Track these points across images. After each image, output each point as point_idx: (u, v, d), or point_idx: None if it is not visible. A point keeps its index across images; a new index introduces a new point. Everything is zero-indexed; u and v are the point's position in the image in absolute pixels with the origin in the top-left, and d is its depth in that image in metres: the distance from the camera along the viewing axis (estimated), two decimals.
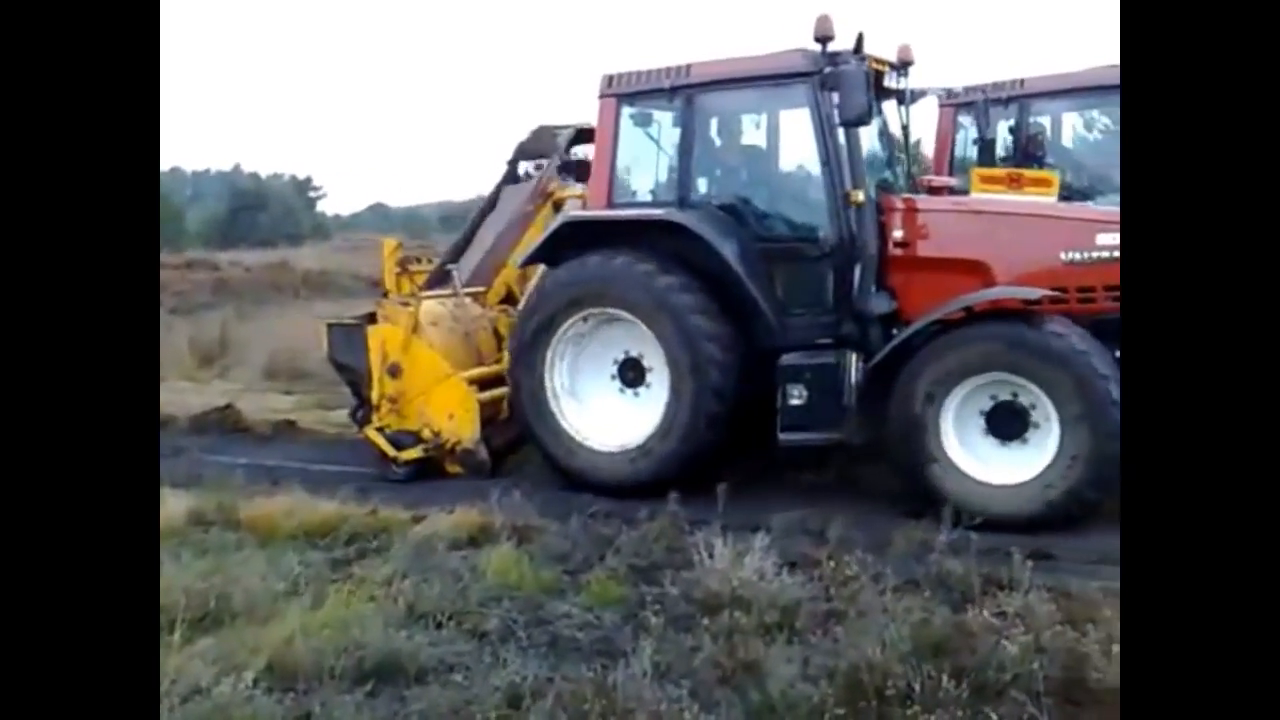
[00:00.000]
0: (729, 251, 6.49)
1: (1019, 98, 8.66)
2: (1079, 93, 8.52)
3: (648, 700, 3.54)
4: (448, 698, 3.75)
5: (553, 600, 4.78)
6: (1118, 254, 5.83)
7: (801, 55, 6.42)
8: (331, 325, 8.12)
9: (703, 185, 7.04)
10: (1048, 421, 5.69)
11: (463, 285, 8.33)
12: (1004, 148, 8.54)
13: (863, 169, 6.39)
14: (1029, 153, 8.25)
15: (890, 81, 6.91)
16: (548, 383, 6.92)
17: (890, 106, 7.16)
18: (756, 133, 7.41)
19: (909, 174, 7.35)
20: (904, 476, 6.08)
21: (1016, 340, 5.75)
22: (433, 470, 7.45)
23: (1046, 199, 6.58)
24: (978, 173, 7.02)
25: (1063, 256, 6.11)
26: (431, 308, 7.86)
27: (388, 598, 4.67)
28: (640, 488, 6.37)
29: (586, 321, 6.87)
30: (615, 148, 7.08)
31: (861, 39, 6.33)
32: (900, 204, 6.61)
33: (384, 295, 7.91)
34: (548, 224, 8.36)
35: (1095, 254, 6.03)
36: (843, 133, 6.33)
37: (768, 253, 6.66)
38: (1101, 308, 5.98)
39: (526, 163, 9.02)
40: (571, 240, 6.95)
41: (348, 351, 7.85)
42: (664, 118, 7.10)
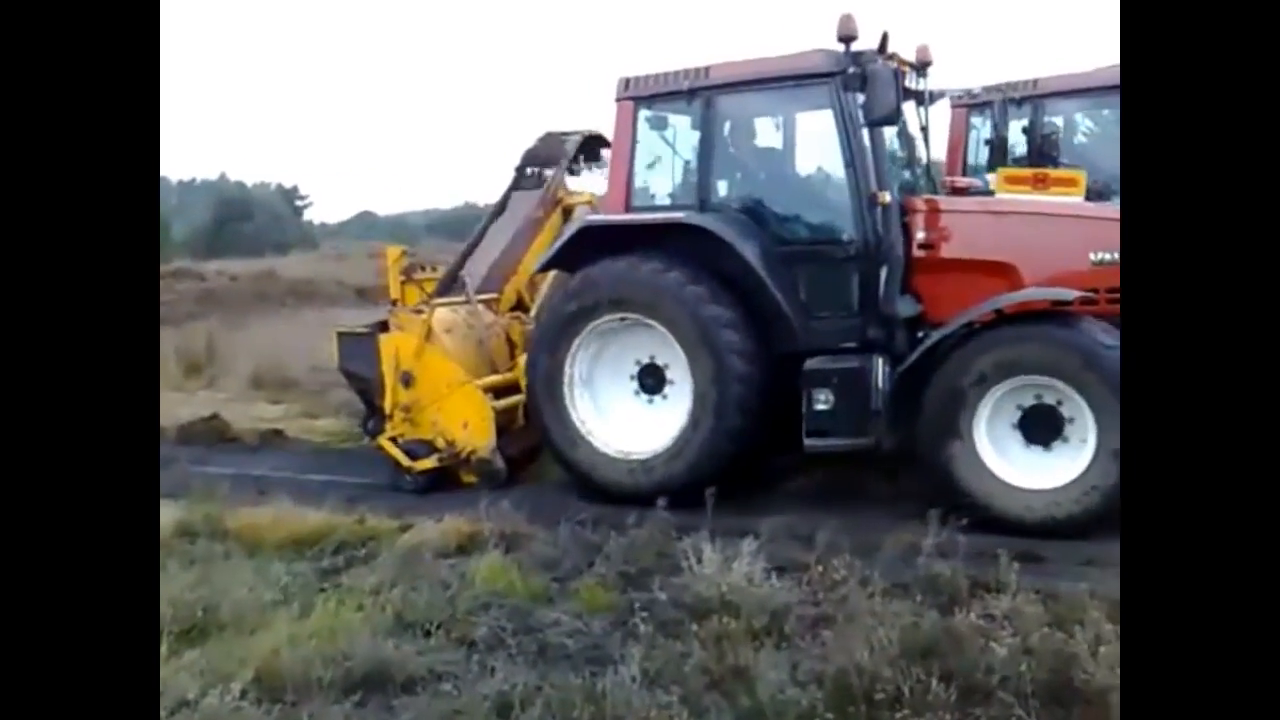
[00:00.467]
0: (751, 254, 6.40)
1: (1033, 98, 8.60)
2: (1093, 92, 8.45)
3: (637, 707, 3.55)
4: (436, 707, 3.74)
5: (542, 608, 4.77)
6: None
7: (824, 55, 6.34)
8: (342, 334, 8.01)
9: (723, 188, 6.95)
10: (1083, 424, 5.58)
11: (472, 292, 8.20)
12: (1016, 147, 8.47)
13: (887, 170, 6.33)
14: (1043, 153, 8.17)
15: (909, 82, 6.81)
16: (567, 369, 6.79)
17: (909, 108, 7.01)
18: (777, 134, 7.32)
19: (928, 175, 7.26)
20: (936, 482, 5.93)
21: (1051, 342, 5.65)
22: (447, 480, 7.32)
23: (1073, 199, 6.49)
24: (1003, 173, 6.92)
25: (1092, 257, 5.97)
26: (444, 315, 7.74)
27: (376, 607, 4.66)
28: (642, 498, 6.21)
29: (612, 324, 6.74)
30: (633, 151, 6.99)
31: (886, 38, 6.26)
32: (923, 205, 6.51)
33: (393, 304, 7.77)
34: (557, 231, 8.36)
35: None
36: (867, 133, 6.26)
37: (790, 255, 6.56)
38: None
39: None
40: (589, 245, 6.84)
41: (359, 360, 7.73)
42: (678, 120, 7.02)
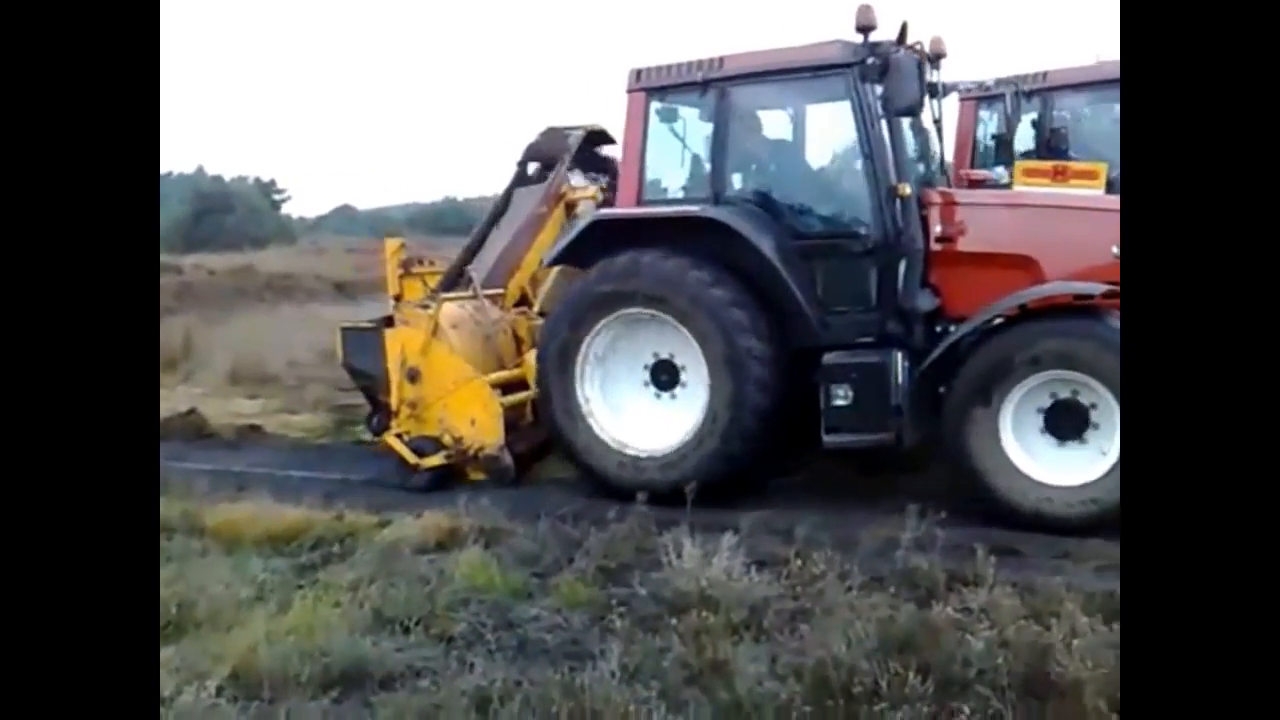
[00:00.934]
0: (767, 248, 6.31)
1: (1042, 91, 8.54)
2: (1103, 85, 8.34)
3: (616, 702, 3.54)
4: (415, 703, 3.72)
5: (521, 603, 4.77)
6: None
7: (841, 46, 6.25)
8: (346, 329, 7.87)
9: (737, 181, 6.85)
10: (1109, 418, 5.52)
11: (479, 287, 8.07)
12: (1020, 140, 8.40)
13: (907, 162, 6.25)
14: (1052, 146, 8.12)
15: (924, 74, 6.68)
16: (584, 348, 6.69)
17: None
18: (793, 126, 7.22)
19: (942, 167, 7.19)
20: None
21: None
22: (454, 478, 7.22)
23: (1093, 191, 6.43)
24: (1021, 165, 6.88)
25: (1114, 250, 5.73)
26: (451, 310, 7.64)
27: (354, 603, 4.64)
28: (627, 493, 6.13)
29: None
30: (644, 144, 6.86)
31: (905, 28, 6.19)
32: (939, 198, 6.44)
33: (396, 299, 7.65)
34: (561, 226, 8.29)
35: None
36: (886, 125, 6.20)
37: (807, 249, 6.47)
38: None
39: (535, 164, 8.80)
40: (600, 239, 6.75)
41: (363, 356, 7.60)
42: (689, 113, 6.93)
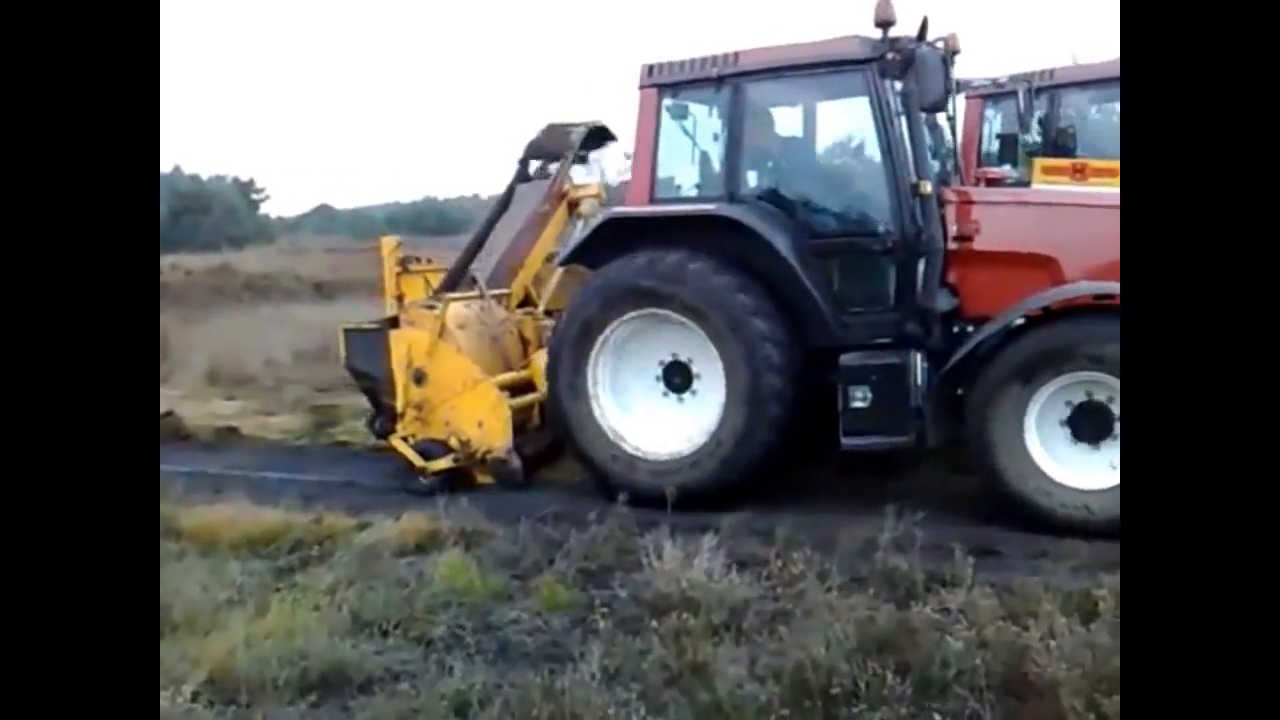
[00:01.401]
0: (784, 247, 6.23)
1: (1050, 88, 8.49)
2: (1111, 83, 8.23)
3: (596, 704, 3.54)
4: (394, 707, 3.71)
5: (501, 606, 4.76)
6: None
7: (859, 41, 6.18)
8: (349, 330, 7.74)
9: (752, 179, 6.75)
10: None
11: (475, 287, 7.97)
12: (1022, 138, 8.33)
13: (927, 159, 6.20)
14: (1059, 145, 8.09)
15: None
16: (606, 333, 6.61)
17: None
18: (809, 123, 7.10)
19: (956, 166, 7.12)
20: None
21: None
22: (462, 481, 7.12)
23: (1114, 189, 6.33)
24: (1040, 163, 6.81)
25: None
26: (458, 310, 7.52)
27: (332, 606, 4.62)
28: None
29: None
30: (657, 141, 6.76)
31: (926, 24, 6.10)
32: (954, 196, 6.35)
33: (398, 298, 7.54)
34: (563, 224, 8.26)
35: None
36: (905, 121, 6.15)
37: (823, 248, 6.38)
38: None
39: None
40: (614, 238, 6.65)
41: (367, 358, 7.49)
42: (698, 109, 6.85)
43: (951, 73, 6.29)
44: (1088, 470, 5.59)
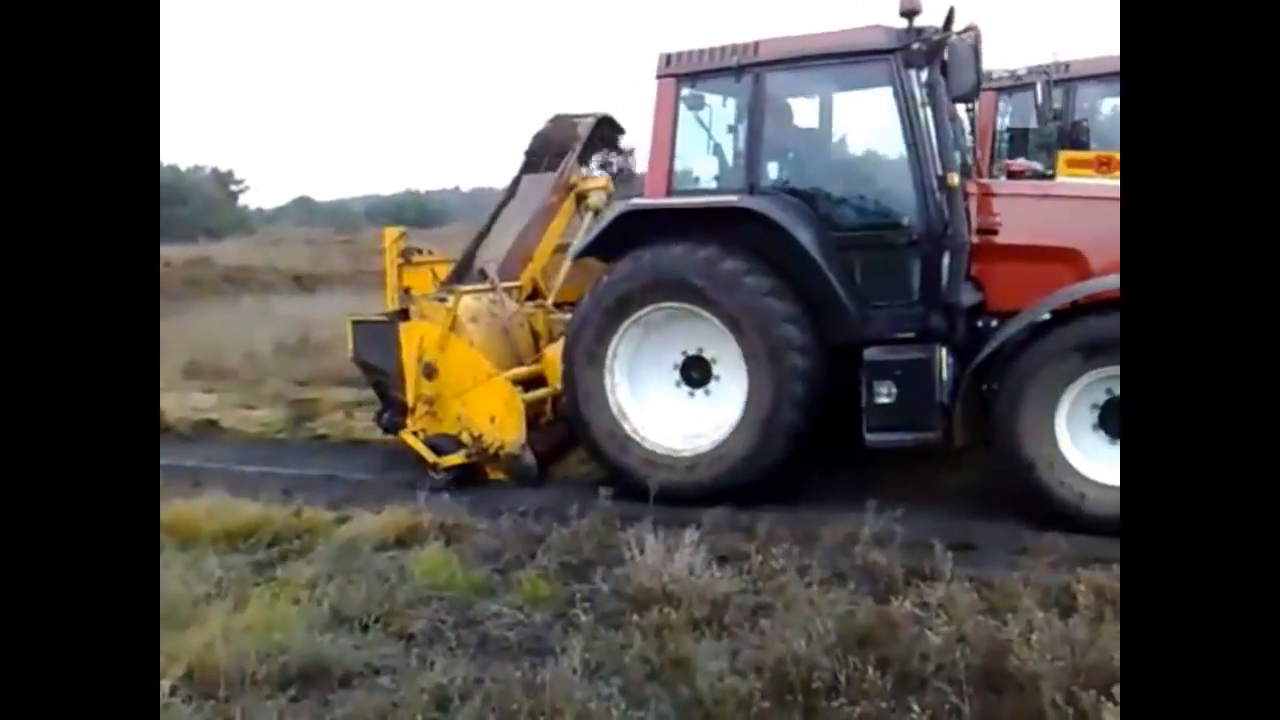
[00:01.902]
0: (806, 240, 6.12)
1: (1065, 81, 8.44)
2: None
3: (577, 698, 3.54)
4: (374, 702, 3.69)
5: (482, 600, 4.74)
6: None
7: (883, 31, 6.10)
8: (358, 323, 7.59)
9: (773, 170, 6.64)
10: None
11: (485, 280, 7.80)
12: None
13: (952, 151, 6.10)
14: (1074, 138, 8.03)
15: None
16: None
17: None
18: (831, 114, 7.00)
19: (975, 158, 7.04)
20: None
21: None
22: (474, 477, 7.02)
23: None
24: (1064, 156, 6.75)
25: None
26: (469, 303, 7.38)
27: (312, 600, 4.59)
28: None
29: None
30: (675, 131, 6.62)
31: (952, 13, 6.01)
32: (978, 188, 6.29)
33: (406, 290, 7.42)
34: (571, 216, 8.17)
35: None
36: (931, 113, 6.05)
37: (845, 241, 6.28)
38: None
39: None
40: (632, 230, 6.51)
41: (376, 351, 7.35)
42: (716, 100, 6.75)
43: (981, 63, 6.13)
44: (1118, 465, 5.43)
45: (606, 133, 8.68)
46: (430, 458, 7.02)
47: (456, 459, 6.99)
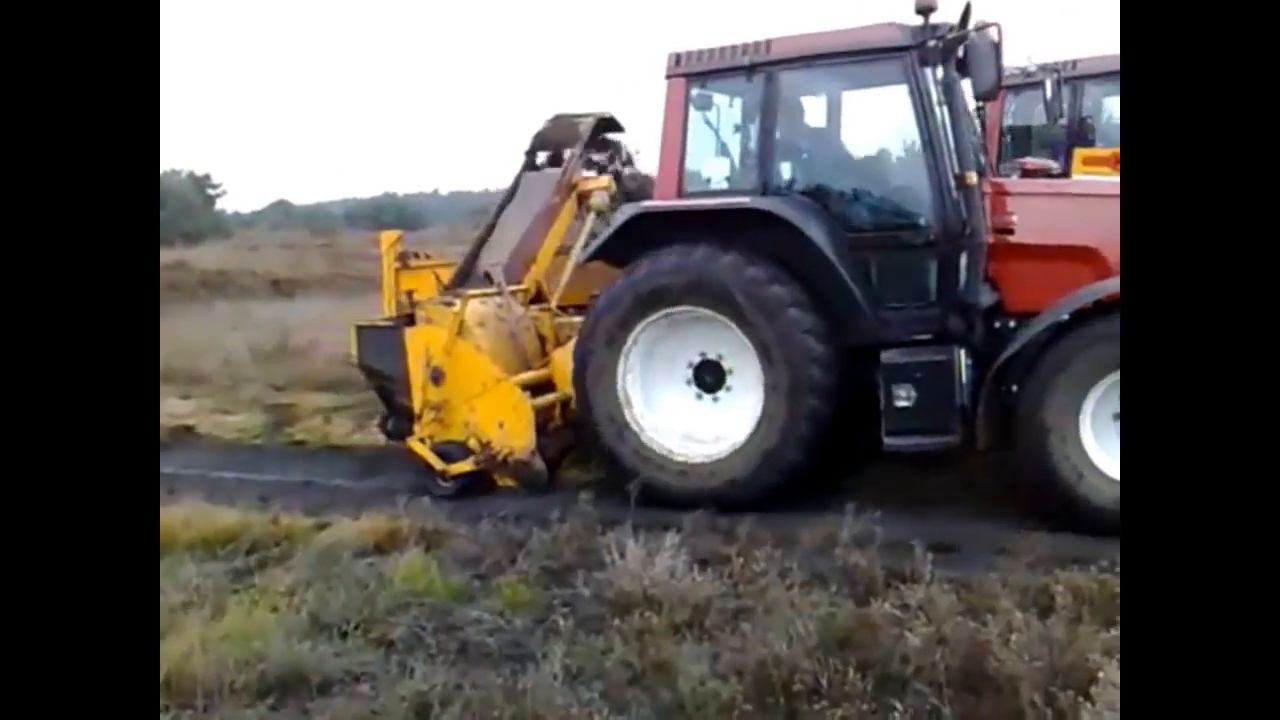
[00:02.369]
0: (821, 240, 6.04)
1: (1073, 79, 8.43)
2: None
3: (558, 704, 3.53)
4: (353, 709, 3.68)
5: (462, 606, 4.73)
6: None
7: (898, 29, 6.02)
8: (362, 328, 7.43)
9: (785, 171, 6.55)
10: None
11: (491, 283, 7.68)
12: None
13: (969, 150, 6.03)
14: (1080, 136, 8.00)
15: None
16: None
17: (967, 86, 6.33)
18: (845, 113, 6.93)
19: (985, 156, 6.93)
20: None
21: None
22: (482, 484, 6.93)
23: None
24: (1081, 154, 6.70)
25: None
26: (476, 307, 7.25)
27: (291, 608, 4.57)
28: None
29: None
30: (685, 132, 6.53)
31: (968, 10, 5.95)
32: (992, 187, 6.20)
33: (409, 294, 7.28)
34: (572, 217, 8.07)
35: None
36: (948, 111, 5.99)
37: (860, 242, 6.20)
38: None
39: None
40: (642, 232, 6.41)
41: (381, 356, 7.21)
42: (721, 100, 6.67)
43: (1002, 61, 6.00)
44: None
45: (605, 132, 8.55)
46: (438, 465, 6.91)
47: (465, 466, 6.88)
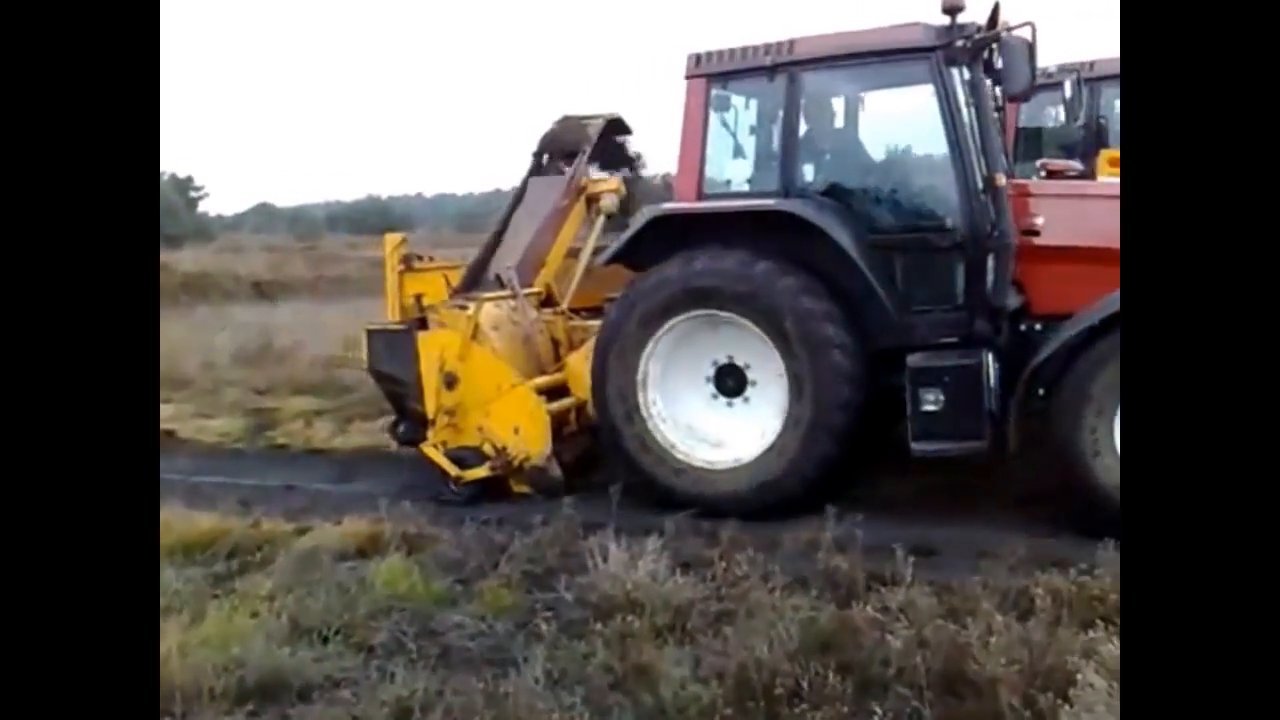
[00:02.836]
0: (846, 243, 5.93)
1: (1089, 80, 8.33)
2: None
3: (540, 709, 3.53)
4: (333, 715, 3.67)
5: (444, 611, 4.71)
6: None
7: (924, 28, 5.94)
8: (373, 331, 7.26)
9: (808, 172, 6.45)
10: None
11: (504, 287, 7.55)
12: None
13: (996, 151, 5.95)
14: (1097, 137, 7.97)
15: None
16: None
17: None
18: (870, 114, 6.81)
19: (1009, 158, 6.91)
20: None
21: None
22: (497, 490, 6.79)
23: None
24: (1106, 155, 6.63)
25: None
26: (490, 311, 7.11)
27: (271, 613, 4.53)
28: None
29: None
30: (705, 133, 6.43)
31: (997, 10, 5.87)
32: (1016, 189, 6.12)
33: (418, 298, 7.17)
34: (581, 220, 8.01)
35: None
36: (976, 112, 5.95)
37: (886, 244, 6.11)
38: None
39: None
40: (662, 235, 6.31)
41: (392, 360, 7.06)
42: (739, 101, 6.61)
43: (1036, 61, 5.91)
44: None
45: (614, 134, 8.50)
46: (453, 471, 6.77)
47: (480, 472, 6.74)
